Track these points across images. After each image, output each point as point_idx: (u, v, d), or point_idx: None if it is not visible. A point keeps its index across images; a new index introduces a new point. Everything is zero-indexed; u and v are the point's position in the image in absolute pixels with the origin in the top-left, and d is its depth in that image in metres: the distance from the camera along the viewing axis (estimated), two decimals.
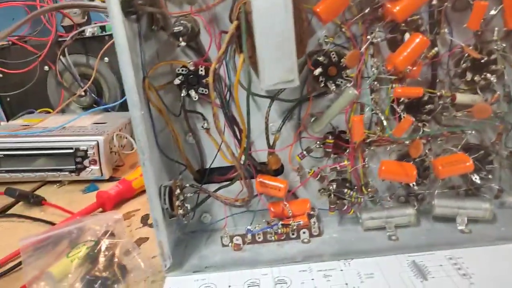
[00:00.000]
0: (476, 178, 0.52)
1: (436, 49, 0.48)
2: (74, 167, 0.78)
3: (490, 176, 0.53)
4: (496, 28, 0.47)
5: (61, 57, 1.04)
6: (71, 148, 0.77)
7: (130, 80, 0.43)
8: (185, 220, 0.51)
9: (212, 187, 0.55)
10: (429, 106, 0.51)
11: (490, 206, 0.49)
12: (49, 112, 1.08)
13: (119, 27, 0.42)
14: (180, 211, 0.49)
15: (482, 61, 0.48)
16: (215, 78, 0.46)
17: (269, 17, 0.40)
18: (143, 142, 0.44)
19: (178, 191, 0.49)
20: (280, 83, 0.42)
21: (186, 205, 0.51)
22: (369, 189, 0.53)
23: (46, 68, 1.08)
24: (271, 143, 0.51)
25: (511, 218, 0.51)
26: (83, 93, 1.05)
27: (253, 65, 0.43)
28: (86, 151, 0.77)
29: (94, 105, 1.10)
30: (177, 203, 0.48)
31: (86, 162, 0.77)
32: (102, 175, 0.79)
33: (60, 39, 1.05)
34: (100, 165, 0.78)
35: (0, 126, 0.93)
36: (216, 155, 0.54)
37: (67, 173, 0.78)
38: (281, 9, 0.40)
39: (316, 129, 0.50)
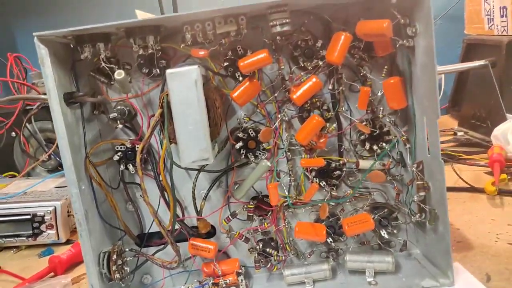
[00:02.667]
0: (384, 233, 0.59)
1: (334, 125, 0.56)
2: (31, 232, 0.82)
3: (395, 231, 0.60)
4: (381, 108, 0.56)
5: (27, 124, 1.10)
6: (29, 214, 0.82)
7: (67, 162, 0.50)
8: (123, 283, 0.55)
9: (152, 250, 0.60)
10: (337, 172, 0.59)
11: (392, 259, 0.56)
12: (14, 176, 1.13)
13: (58, 118, 0.49)
14: (117, 275, 0.54)
15: (375, 133, 0.57)
16: (143, 157, 0.52)
17: (185, 108, 0.48)
18: (80, 215, 0.51)
19: (115, 256, 0.54)
20: (197, 161, 0.49)
21: (125, 268, 0.56)
22: (291, 247, 0.60)
23: (13, 134, 1.13)
24: (198, 209, 0.58)
25: (413, 268, 0.57)
26: (46, 158, 1.10)
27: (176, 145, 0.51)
28: (43, 216, 0.81)
29: (59, 168, 1.16)
30: (114, 267, 0.53)
31: (43, 227, 0.82)
32: (59, 238, 0.83)
33: (27, 107, 1.12)
34: (57, 229, 0.82)
35: None
36: (152, 222, 0.60)
37: (24, 238, 0.82)
38: (194, 102, 0.48)
39: (238, 196, 0.57)
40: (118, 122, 0.55)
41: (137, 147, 0.57)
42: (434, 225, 0.54)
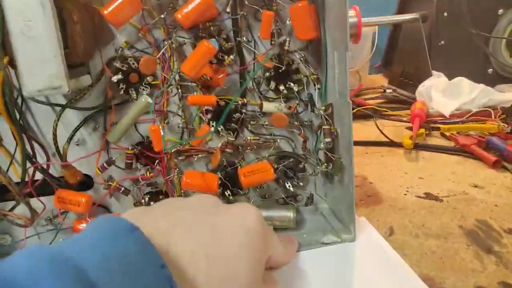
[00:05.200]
0: (289, 186, 0.53)
1: (231, 57, 0.47)
2: None
3: (302, 184, 0.54)
4: (287, 38, 0.48)
5: None
6: None
7: None
8: None
9: (10, 205, 0.49)
10: (237, 114, 0.50)
11: (292, 215, 0.50)
12: None
13: None
14: None
15: (281, 70, 0.49)
16: None
17: (24, 17, 0.36)
18: None
19: None
20: (44, 89, 0.38)
21: None
22: None
23: None
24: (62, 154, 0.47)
25: (318, 224, 0.52)
26: None
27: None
28: None
29: None
30: None
31: None
32: None
33: None
34: None
35: None
36: (7, 170, 0.48)
37: None
38: (37, 9, 0.36)
39: (112, 139, 0.47)
40: None
41: None
42: (340, 176, 0.48)
